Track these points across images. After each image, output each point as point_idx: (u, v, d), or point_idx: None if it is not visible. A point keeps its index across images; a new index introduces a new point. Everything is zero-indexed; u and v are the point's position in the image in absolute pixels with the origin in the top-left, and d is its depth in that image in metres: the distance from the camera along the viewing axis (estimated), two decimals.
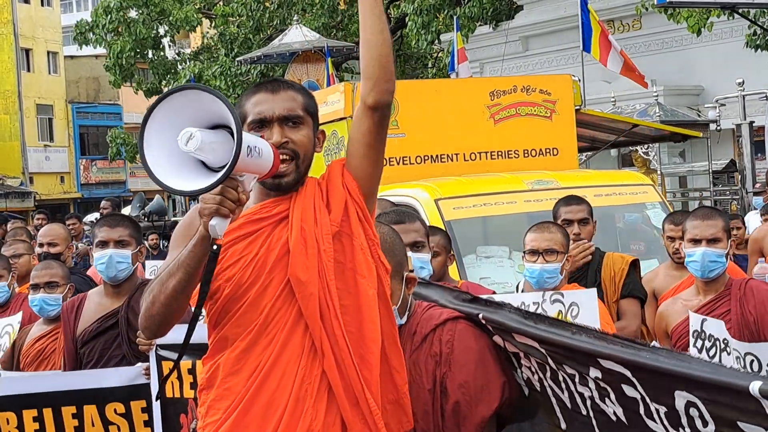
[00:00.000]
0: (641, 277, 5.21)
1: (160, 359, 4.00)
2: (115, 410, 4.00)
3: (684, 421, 2.27)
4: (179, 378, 4.01)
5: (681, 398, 2.26)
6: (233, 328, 2.68)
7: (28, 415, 4.11)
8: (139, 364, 4.05)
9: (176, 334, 2.73)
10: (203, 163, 2.45)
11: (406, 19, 20.11)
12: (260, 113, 2.73)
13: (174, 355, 3.83)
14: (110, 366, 4.21)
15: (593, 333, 2.61)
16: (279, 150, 2.67)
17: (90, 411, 4.03)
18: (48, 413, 4.08)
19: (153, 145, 2.40)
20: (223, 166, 2.38)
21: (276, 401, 2.64)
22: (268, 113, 2.72)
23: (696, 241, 4.25)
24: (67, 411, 4.06)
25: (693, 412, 2.23)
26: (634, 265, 5.11)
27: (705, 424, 2.21)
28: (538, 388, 2.94)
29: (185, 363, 3.92)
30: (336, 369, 2.65)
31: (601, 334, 2.60)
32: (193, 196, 2.45)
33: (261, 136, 2.66)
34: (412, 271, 3.32)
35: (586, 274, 5.03)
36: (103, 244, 4.27)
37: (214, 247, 2.50)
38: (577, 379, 2.68)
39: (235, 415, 2.65)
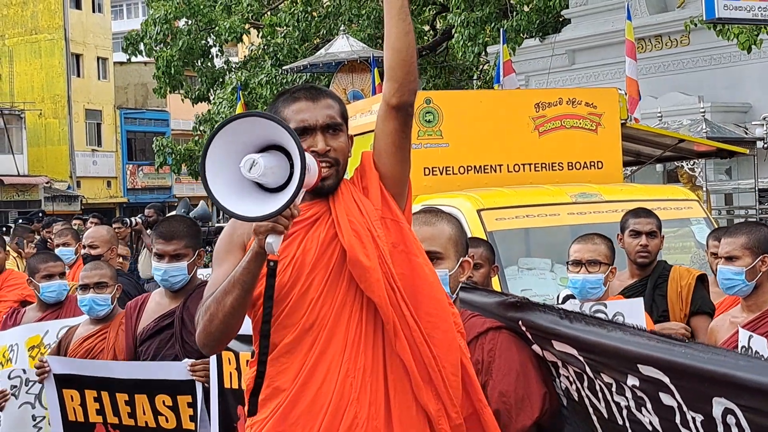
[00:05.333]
0: (709, 292, 5.12)
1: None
2: (163, 402, 4.08)
3: (720, 429, 2.27)
4: (238, 369, 4.06)
5: (719, 405, 2.25)
6: (278, 331, 2.73)
7: (90, 394, 4.30)
8: (185, 360, 4.11)
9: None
10: (259, 184, 2.52)
11: (453, 31, 20.11)
12: (304, 121, 2.79)
13: (236, 346, 3.88)
14: None
15: (629, 329, 2.61)
16: (322, 158, 2.76)
17: (141, 400, 4.13)
18: (105, 396, 4.24)
19: (215, 174, 2.47)
20: (280, 187, 2.46)
21: (321, 396, 2.69)
22: (311, 121, 2.80)
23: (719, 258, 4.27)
24: (120, 397, 4.18)
25: (730, 419, 2.23)
26: (702, 279, 5.06)
27: (741, 431, 2.20)
28: (576, 398, 2.95)
29: (245, 354, 3.92)
30: (408, 349, 2.71)
31: (636, 330, 2.59)
32: (261, 221, 2.51)
33: (306, 149, 2.71)
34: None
35: (645, 288, 4.99)
36: (159, 257, 4.38)
37: (271, 263, 2.58)
38: (614, 388, 2.68)
39: (281, 410, 2.70)
